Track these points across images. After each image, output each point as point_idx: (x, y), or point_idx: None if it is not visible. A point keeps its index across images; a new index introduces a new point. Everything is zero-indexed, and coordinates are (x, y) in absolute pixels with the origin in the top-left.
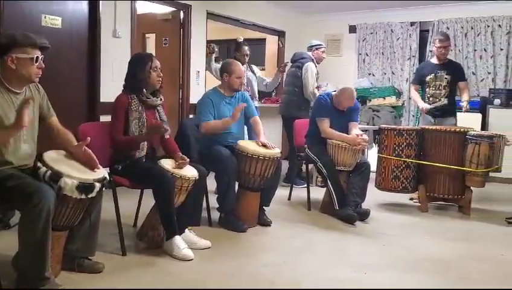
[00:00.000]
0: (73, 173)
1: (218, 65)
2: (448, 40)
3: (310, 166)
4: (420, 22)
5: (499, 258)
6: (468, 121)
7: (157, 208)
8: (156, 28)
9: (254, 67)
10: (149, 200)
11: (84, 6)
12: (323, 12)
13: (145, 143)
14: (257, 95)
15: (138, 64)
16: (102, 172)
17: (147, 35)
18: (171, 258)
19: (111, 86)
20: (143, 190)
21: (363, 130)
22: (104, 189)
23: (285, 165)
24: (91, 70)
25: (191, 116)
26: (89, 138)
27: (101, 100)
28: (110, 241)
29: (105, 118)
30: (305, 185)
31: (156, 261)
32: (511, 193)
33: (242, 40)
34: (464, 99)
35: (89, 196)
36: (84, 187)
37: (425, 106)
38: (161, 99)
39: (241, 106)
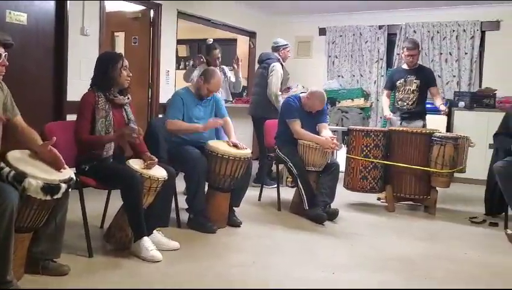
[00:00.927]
0: (38, 174)
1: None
2: (416, 49)
3: (280, 166)
4: (388, 26)
5: (463, 257)
6: (433, 122)
7: (125, 209)
8: (126, 26)
9: (226, 69)
10: (117, 201)
11: (51, 3)
12: (294, 14)
13: (112, 142)
14: (230, 98)
15: (109, 62)
16: (69, 172)
17: (116, 33)
18: (139, 260)
19: (78, 84)
20: (110, 190)
21: (332, 131)
22: (70, 190)
23: (255, 166)
24: (58, 68)
25: (160, 115)
26: (54, 138)
27: (68, 99)
28: (77, 243)
29: (72, 117)
30: (275, 186)
31: (123, 262)
32: (474, 193)
33: (212, 42)
34: (439, 103)
35: (55, 197)
36: (50, 188)
37: (388, 114)
38: (128, 98)
39: (218, 123)
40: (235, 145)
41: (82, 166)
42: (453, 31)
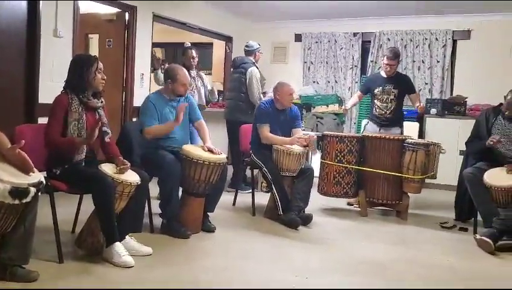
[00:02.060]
0: (5, 177)
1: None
2: (395, 59)
3: (255, 171)
4: (362, 33)
5: (433, 261)
6: (406, 129)
7: (96, 214)
8: (100, 28)
9: (203, 75)
10: (88, 205)
11: (23, 3)
12: (270, 20)
13: (84, 146)
14: (204, 103)
15: (84, 65)
16: (38, 176)
17: (90, 35)
18: (110, 266)
19: (51, 87)
20: (82, 194)
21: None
22: (40, 194)
23: (230, 171)
24: (29, 70)
25: (134, 119)
26: (23, 141)
27: (40, 101)
28: (47, 249)
29: (44, 120)
30: (250, 191)
31: (94, 268)
32: (445, 198)
33: (189, 44)
34: (417, 105)
35: (23, 201)
36: (18, 192)
37: (346, 106)
38: (102, 102)
39: (183, 106)
40: (210, 150)
41: (53, 170)
42: (426, 39)
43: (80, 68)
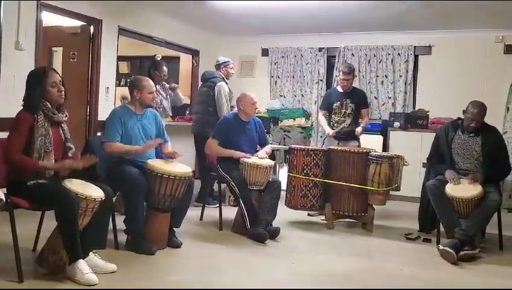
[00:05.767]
0: None
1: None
2: (351, 74)
3: (223, 185)
4: (327, 48)
5: (398, 271)
6: (370, 142)
7: (59, 231)
8: (64, 41)
9: (166, 85)
10: (50, 222)
11: None
12: (238, 34)
13: (52, 160)
14: (170, 113)
15: (32, 83)
16: None
17: (53, 48)
18: (73, 284)
19: (11, 101)
20: (44, 211)
21: (274, 150)
22: None
23: (197, 185)
24: None
25: (98, 133)
26: None
27: (0, 116)
28: (6, 267)
29: (3, 135)
30: (218, 205)
31: (56, 287)
32: (409, 210)
33: (160, 58)
34: (361, 125)
35: None
36: None
37: (331, 131)
38: (66, 116)
39: (157, 142)
40: (170, 155)
41: (14, 186)
42: (389, 54)
43: (29, 86)
